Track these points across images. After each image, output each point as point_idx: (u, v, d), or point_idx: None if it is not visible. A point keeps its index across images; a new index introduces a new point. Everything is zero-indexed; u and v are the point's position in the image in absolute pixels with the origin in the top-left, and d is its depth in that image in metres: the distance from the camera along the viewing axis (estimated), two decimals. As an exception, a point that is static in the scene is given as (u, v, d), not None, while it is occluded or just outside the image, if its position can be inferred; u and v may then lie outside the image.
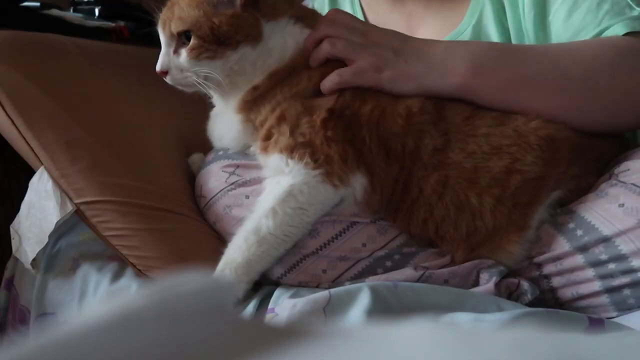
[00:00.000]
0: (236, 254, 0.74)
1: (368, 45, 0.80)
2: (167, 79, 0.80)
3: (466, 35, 0.95)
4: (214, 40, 0.77)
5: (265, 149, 0.78)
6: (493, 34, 0.94)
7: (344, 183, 0.75)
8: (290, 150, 0.75)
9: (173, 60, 0.79)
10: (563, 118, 0.77)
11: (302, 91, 0.78)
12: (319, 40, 0.81)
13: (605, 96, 0.78)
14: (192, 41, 0.77)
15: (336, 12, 0.85)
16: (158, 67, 0.79)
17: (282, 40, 0.81)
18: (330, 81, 0.78)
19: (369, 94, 0.78)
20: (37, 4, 1.27)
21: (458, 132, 0.77)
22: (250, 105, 0.80)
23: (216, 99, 0.86)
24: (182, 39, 0.78)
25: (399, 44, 0.81)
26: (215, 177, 0.83)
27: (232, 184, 0.80)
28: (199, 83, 0.79)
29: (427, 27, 0.96)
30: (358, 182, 0.75)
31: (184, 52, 0.78)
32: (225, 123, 0.84)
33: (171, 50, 0.79)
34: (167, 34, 0.79)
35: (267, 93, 0.79)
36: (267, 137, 0.78)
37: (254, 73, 0.80)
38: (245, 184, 0.80)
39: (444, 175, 0.75)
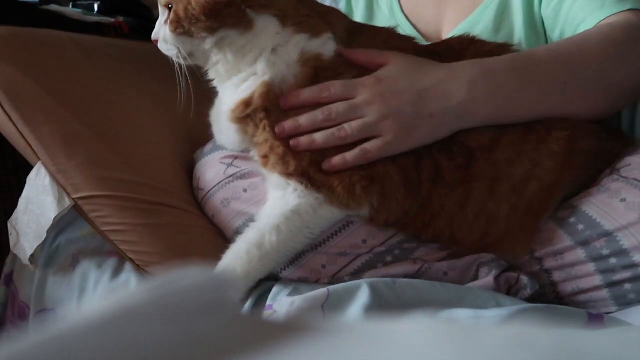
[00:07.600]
0: (237, 264, 0.73)
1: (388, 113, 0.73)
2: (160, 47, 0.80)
3: (491, 9, 0.94)
4: (185, 18, 0.76)
5: (265, 165, 0.76)
6: (517, 9, 0.93)
7: (350, 208, 0.74)
8: (288, 176, 0.74)
9: (162, 30, 0.79)
10: (572, 115, 0.77)
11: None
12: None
13: (613, 88, 0.79)
14: (171, 15, 0.77)
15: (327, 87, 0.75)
16: (153, 35, 0.80)
17: (283, 49, 0.76)
18: (353, 156, 0.72)
19: None
20: (36, -1, 1.27)
21: (482, 149, 0.75)
22: (243, 120, 0.77)
23: (215, 83, 0.83)
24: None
25: (417, 97, 0.74)
26: (213, 168, 0.82)
27: (230, 176, 0.80)
28: (183, 57, 0.77)
29: (455, 3, 0.97)
30: (367, 208, 0.74)
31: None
32: (223, 123, 0.81)
33: (163, 20, 0.79)
34: (162, 3, 0.79)
35: (256, 116, 0.75)
36: (265, 156, 0.76)
37: (238, 66, 0.77)
38: (243, 176, 0.79)
39: (469, 188, 0.74)
